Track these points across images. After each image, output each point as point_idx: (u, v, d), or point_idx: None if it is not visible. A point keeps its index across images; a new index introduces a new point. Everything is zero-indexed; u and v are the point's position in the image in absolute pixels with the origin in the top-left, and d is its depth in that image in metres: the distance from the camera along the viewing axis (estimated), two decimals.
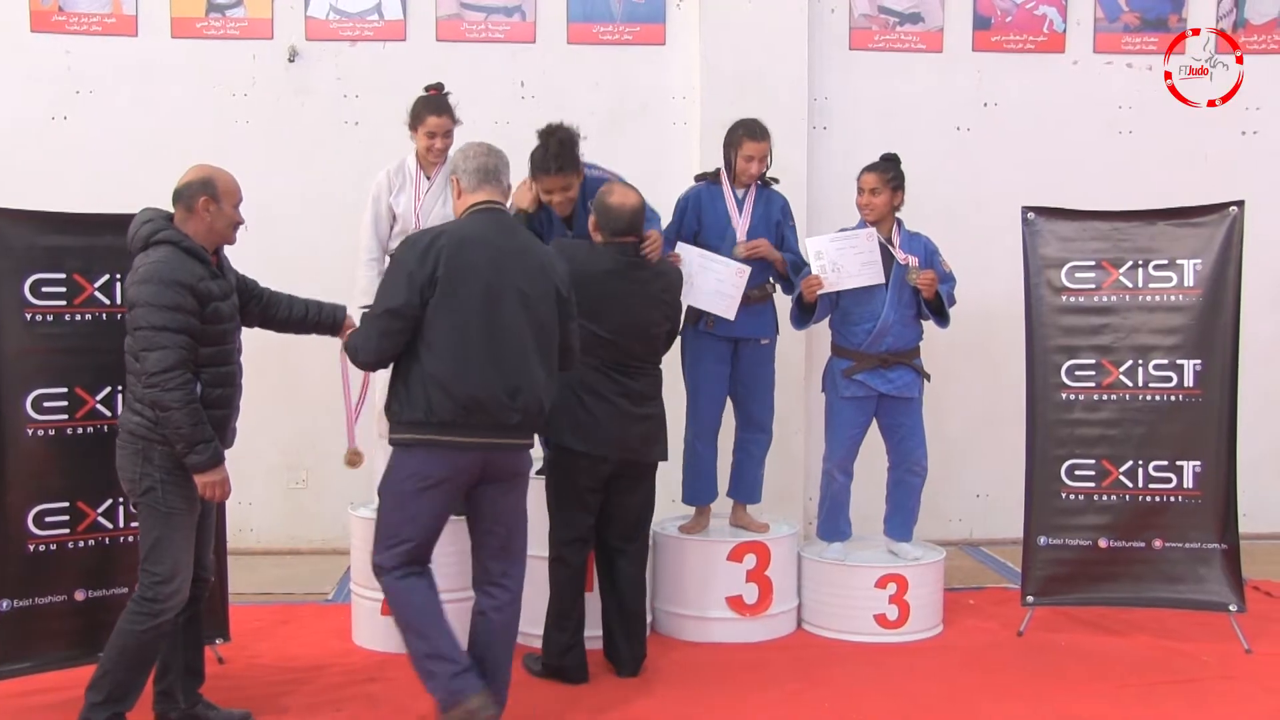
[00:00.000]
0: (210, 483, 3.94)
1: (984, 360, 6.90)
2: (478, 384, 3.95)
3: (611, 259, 4.67)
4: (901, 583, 5.34)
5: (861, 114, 6.96)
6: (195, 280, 3.90)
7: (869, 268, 5.30)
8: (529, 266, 4.08)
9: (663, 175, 6.18)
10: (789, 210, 5.57)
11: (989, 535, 7.09)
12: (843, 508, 5.54)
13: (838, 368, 5.43)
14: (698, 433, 5.45)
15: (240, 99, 6.74)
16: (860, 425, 5.44)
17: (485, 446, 3.99)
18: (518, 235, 4.18)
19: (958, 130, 7.06)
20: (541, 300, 4.08)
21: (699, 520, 5.54)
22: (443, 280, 3.94)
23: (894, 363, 5.36)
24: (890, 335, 5.34)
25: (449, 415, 3.94)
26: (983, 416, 6.99)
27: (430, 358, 3.95)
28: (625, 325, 4.65)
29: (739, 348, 5.45)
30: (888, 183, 5.35)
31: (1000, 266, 6.40)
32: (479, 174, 4.16)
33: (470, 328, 3.96)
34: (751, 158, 5.35)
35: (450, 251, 3.97)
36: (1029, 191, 6.09)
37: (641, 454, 4.76)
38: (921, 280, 5.30)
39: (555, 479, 4.77)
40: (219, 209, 4.03)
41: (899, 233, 5.44)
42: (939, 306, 5.38)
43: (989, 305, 6.56)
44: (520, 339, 4.02)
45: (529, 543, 4.26)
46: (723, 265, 5.24)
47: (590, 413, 4.62)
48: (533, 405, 4.03)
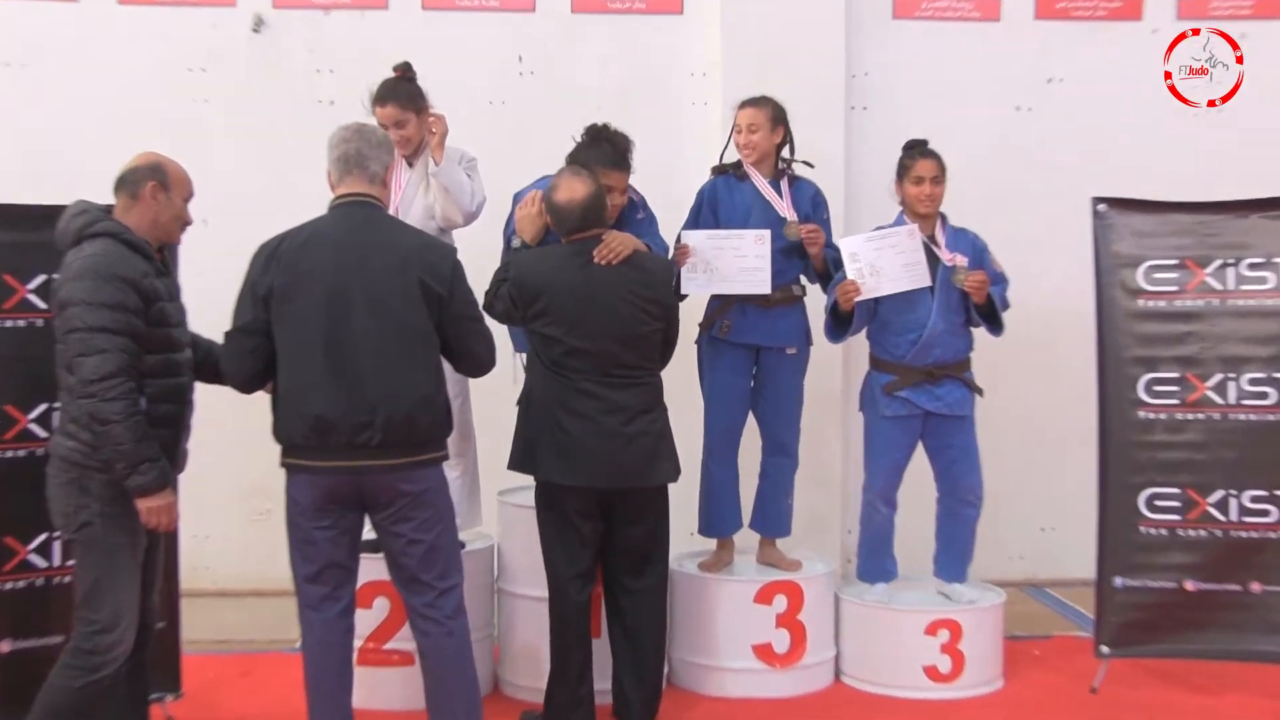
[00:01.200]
0: (155, 508, 3.90)
1: (1048, 373, 6.88)
2: (324, 402, 3.99)
3: (567, 258, 4.68)
4: (955, 629, 5.32)
5: (907, 92, 6.95)
6: (139, 275, 3.88)
7: (912, 270, 5.28)
8: (383, 264, 4.05)
9: (678, 163, 6.21)
10: (821, 200, 5.55)
11: (1056, 575, 7.06)
12: (886, 543, 5.52)
13: (877, 383, 5.41)
14: (712, 451, 5.47)
15: (198, 75, 6.75)
16: (904, 448, 5.42)
17: (344, 471, 4.02)
18: (376, 230, 4.14)
19: (1017, 110, 7.04)
20: (400, 301, 4.05)
21: (721, 556, 5.54)
22: (279, 290, 4.01)
23: (941, 376, 5.35)
24: (937, 346, 5.32)
25: (301, 437, 4.02)
26: (1047, 437, 6.96)
27: (282, 375, 4.07)
28: (602, 330, 4.63)
29: (761, 358, 5.46)
30: (944, 171, 5.36)
31: (1066, 265, 6.37)
32: (341, 163, 4.18)
33: (311, 340, 4.00)
34: (740, 127, 5.39)
35: (290, 257, 4.04)
36: (1099, 180, 6.04)
37: (641, 477, 4.71)
38: (971, 282, 5.27)
39: (543, 513, 4.77)
40: (168, 199, 4.04)
41: (944, 229, 5.44)
42: (991, 311, 5.37)
43: (1052, 309, 6.55)
44: (375, 348, 4.02)
45: (525, 580, 4.20)
46: (737, 238, 5.26)
47: (570, 435, 4.61)
48: (398, 422, 4.02)
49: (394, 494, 4.08)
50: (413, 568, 4.15)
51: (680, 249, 5.24)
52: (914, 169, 5.36)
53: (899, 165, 5.44)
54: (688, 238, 5.28)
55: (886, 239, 5.31)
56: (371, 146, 4.17)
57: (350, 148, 4.15)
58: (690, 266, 5.23)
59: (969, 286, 5.27)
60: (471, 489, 5.45)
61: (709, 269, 5.21)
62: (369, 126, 4.26)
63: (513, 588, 5.32)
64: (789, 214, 5.37)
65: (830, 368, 6.45)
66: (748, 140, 5.39)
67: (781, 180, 5.45)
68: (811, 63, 6.65)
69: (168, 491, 3.92)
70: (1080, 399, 5.67)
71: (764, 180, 5.41)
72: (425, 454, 4.11)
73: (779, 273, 5.34)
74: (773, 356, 5.43)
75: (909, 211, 5.42)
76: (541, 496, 4.75)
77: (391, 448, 4.03)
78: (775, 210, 5.37)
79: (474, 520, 5.47)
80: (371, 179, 4.17)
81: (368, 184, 4.16)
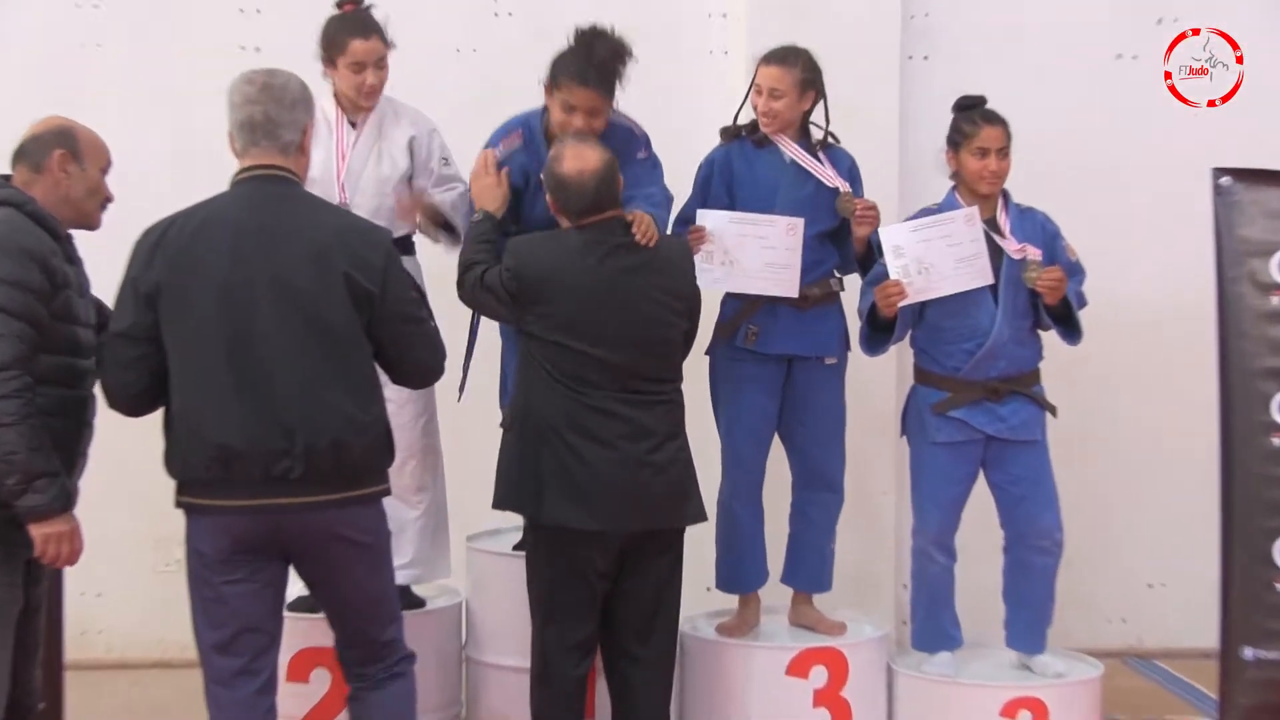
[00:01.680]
0: (53, 535, 3.93)
1: (1150, 387, 6.91)
2: (228, 426, 3.96)
3: (582, 247, 4.70)
4: (1039, 710, 5.30)
5: (977, 38, 6.96)
6: (47, 252, 3.95)
7: (970, 264, 5.28)
8: (296, 253, 4.04)
9: (693, 126, 6.19)
10: (858, 173, 5.59)
11: (1166, 643, 7.07)
12: (946, 600, 5.54)
13: (925, 402, 5.45)
14: (735, 490, 5.49)
15: (89, 12, 6.76)
16: (961, 481, 5.45)
17: (258, 511, 4.00)
18: (288, 210, 4.13)
19: (1118, 59, 7.05)
20: (321, 296, 4.03)
21: (745, 616, 5.56)
22: (166, 286, 4.00)
23: (1006, 393, 5.36)
24: (1002, 356, 5.34)
25: (202, 471, 4.00)
26: (1151, 468, 6.98)
27: (176, 393, 4.04)
28: (623, 335, 4.68)
29: (794, 370, 5.48)
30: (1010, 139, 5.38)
31: (1174, 252, 6.44)
32: (245, 131, 4.15)
33: (209, 349, 3.99)
34: (760, 87, 5.39)
35: (180, 245, 4.02)
36: (1222, 147, 6.04)
37: (671, 517, 4.77)
38: (1046, 281, 5.27)
39: (540, 570, 4.75)
40: (80, 170, 4.12)
41: (1006, 211, 5.45)
42: (1065, 312, 5.37)
43: (1155, 308, 6.61)
44: (290, 359, 4.01)
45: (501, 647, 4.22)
46: (766, 225, 5.29)
47: (587, 465, 4.62)
48: (323, 450, 4.00)
49: (323, 539, 4.09)
50: (353, 627, 4.21)
51: (695, 232, 5.25)
52: (975, 138, 5.33)
53: (953, 130, 5.42)
54: (706, 219, 5.30)
55: (937, 227, 5.30)
56: (284, 108, 4.13)
57: (255, 111, 4.12)
58: (705, 255, 5.26)
59: (1042, 286, 5.27)
60: (436, 531, 5.49)
61: (728, 260, 5.23)
62: (279, 78, 4.18)
63: (485, 656, 5.35)
64: (840, 183, 5.39)
65: (879, 381, 6.46)
66: (767, 107, 5.39)
67: (815, 148, 5.49)
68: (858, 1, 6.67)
69: (69, 516, 3.96)
70: (1195, 421, 5.70)
71: (795, 145, 5.43)
72: (360, 489, 4.11)
73: (816, 263, 5.38)
74: (809, 369, 5.46)
75: (964, 189, 5.42)
76: (542, 546, 4.73)
77: (315, 482, 4.01)
78: (811, 182, 5.40)
79: (439, 570, 5.50)
80: (284, 149, 4.15)
81: (279, 155, 4.15)
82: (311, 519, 4.04)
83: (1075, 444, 5.70)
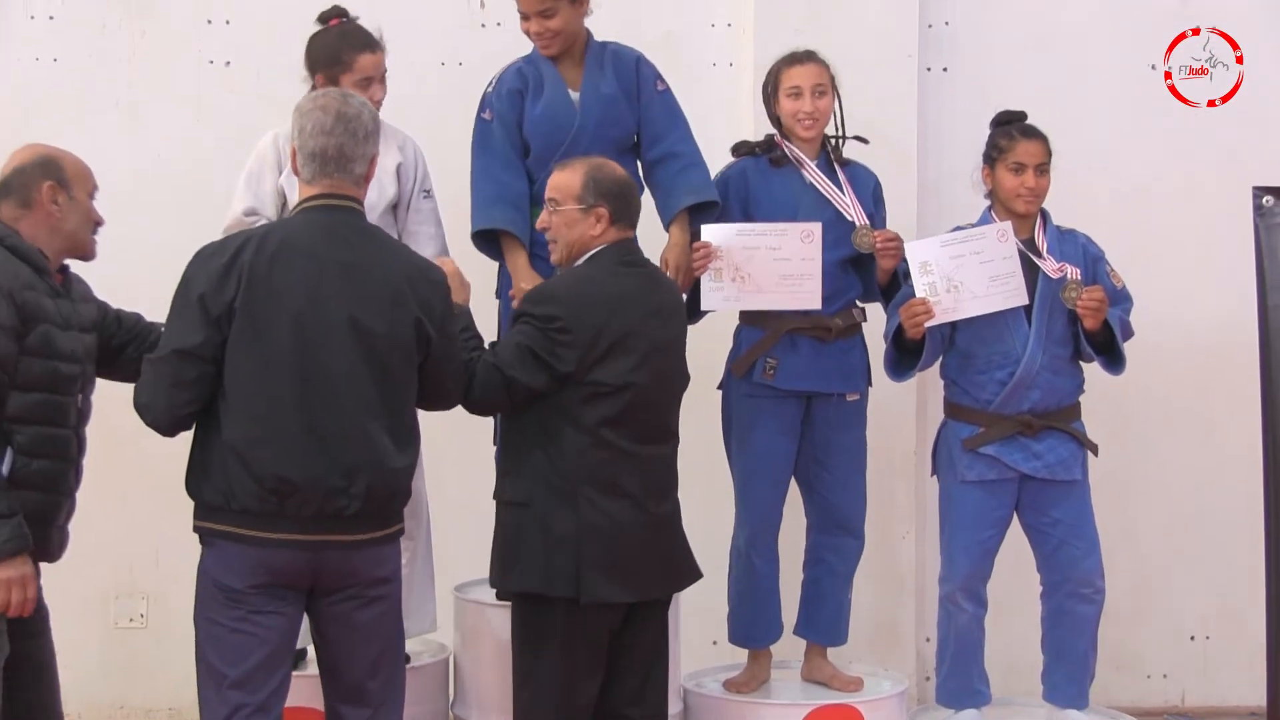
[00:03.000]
0: (5, 580, 3.94)
1: (1196, 422, 6.91)
2: (289, 459, 4.06)
3: (622, 271, 4.70)
4: None
5: (1002, 47, 6.98)
6: (18, 286, 4.01)
7: (1003, 283, 5.32)
8: (372, 289, 4.18)
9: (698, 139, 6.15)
10: (882, 194, 5.63)
11: (1212, 700, 7.03)
12: (974, 653, 5.56)
13: (956, 437, 5.48)
14: (751, 538, 5.48)
15: (44, 24, 6.76)
16: (994, 524, 5.47)
17: (301, 546, 4.10)
18: (365, 246, 4.26)
19: (1153, 70, 7.03)
20: (390, 337, 4.20)
21: (755, 672, 5.57)
22: (242, 309, 4.08)
23: (1042, 428, 5.37)
24: (1036, 387, 5.36)
25: (252, 501, 4.07)
26: (1195, 510, 6.96)
27: (228, 419, 4.11)
28: (655, 376, 4.65)
29: (813, 408, 5.48)
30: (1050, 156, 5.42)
31: (1219, 277, 6.45)
32: (318, 162, 4.24)
33: (278, 377, 4.09)
34: (799, 89, 5.41)
35: (257, 269, 4.09)
36: (1267, 164, 6.04)
37: (677, 581, 4.80)
38: (1086, 302, 5.29)
39: (541, 643, 4.65)
40: (70, 200, 4.23)
41: (1045, 231, 5.48)
42: (1108, 340, 5.38)
43: (1202, 337, 6.60)
44: (356, 393, 4.14)
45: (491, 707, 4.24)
46: (777, 234, 5.30)
47: (615, 521, 4.56)
48: (378, 489, 4.16)
49: (362, 577, 4.22)
50: (359, 675, 4.26)
51: (700, 249, 5.25)
52: (1011, 152, 5.40)
53: (989, 146, 5.49)
54: (711, 234, 5.29)
55: (968, 243, 5.34)
56: (358, 141, 4.24)
57: (330, 143, 4.21)
58: (714, 272, 5.26)
59: (1082, 307, 5.29)
60: (424, 581, 5.50)
61: (738, 276, 5.22)
62: (353, 105, 4.29)
63: (473, 715, 5.33)
64: (857, 216, 5.41)
65: (900, 415, 6.50)
66: (814, 108, 5.42)
67: (835, 168, 5.50)
68: (873, 8, 6.69)
69: (23, 560, 3.99)
70: (1243, 459, 5.68)
71: (813, 165, 5.46)
72: (389, 527, 4.29)
73: (838, 292, 5.40)
74: (830, 406, 5.47)
75: (1000, 207, 5.47)
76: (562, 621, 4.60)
77: (363, 520, 4.17)
78: (831, 208, 5.42)
79: (425, 622, 5.49)
80: (356, 181, 4.28)
81: (351, 186, 4.26)
82: (350, 556, 4.18)
83: (1118, 484, 5.68)
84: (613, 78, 5.42)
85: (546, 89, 5.37)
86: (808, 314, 5.33)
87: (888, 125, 6.22)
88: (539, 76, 5.40)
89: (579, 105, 5.37)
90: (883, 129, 5.71)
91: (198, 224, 5.54)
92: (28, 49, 6.73)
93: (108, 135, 6.64)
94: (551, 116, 5.35)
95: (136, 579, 6.74)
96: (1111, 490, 5.61)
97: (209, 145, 6.35)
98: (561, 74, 5.42)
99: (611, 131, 5.38)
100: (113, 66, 6.76)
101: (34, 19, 6.73)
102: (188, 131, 6.68)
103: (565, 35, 5.35)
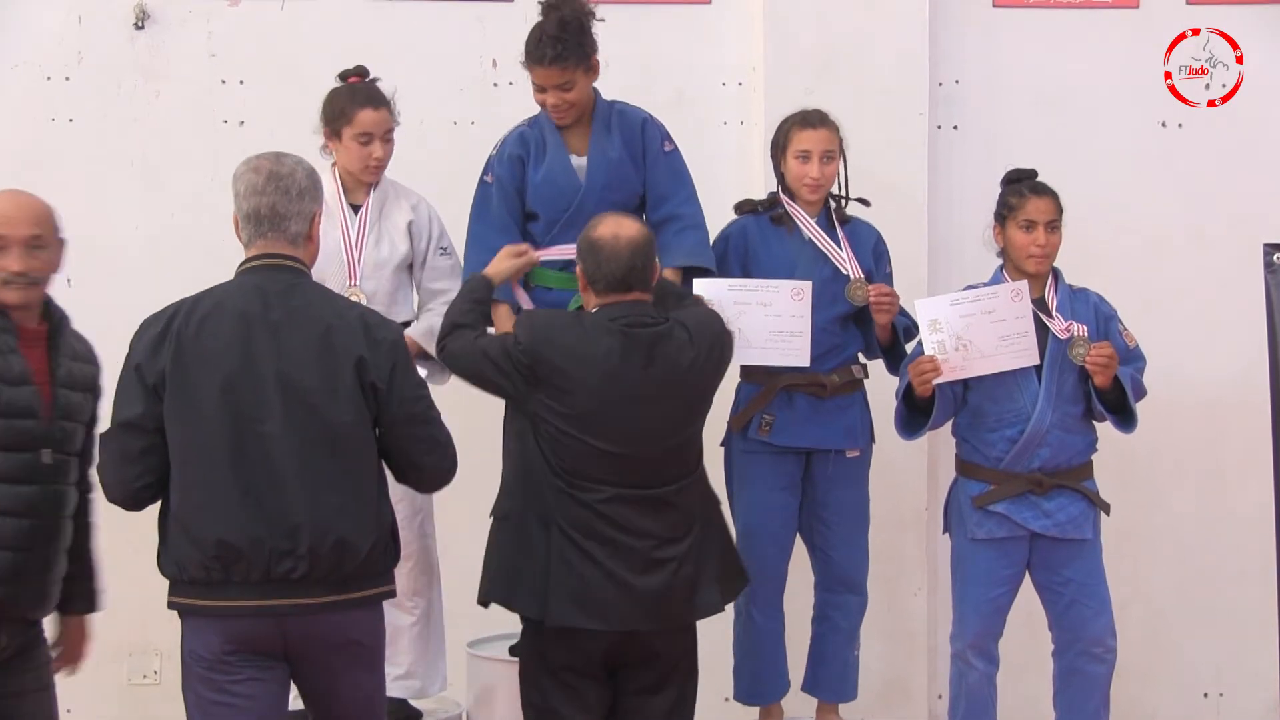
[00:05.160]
0: None
1: (1210, 481, 6.89)
2: (228, 523, 4.06)
3: (608, 333, 4.64)
4: None
5: (1011, 106, 6.99)
6: None
7: (1014, 343, 5.33)
8: (306, 346, 4.15)
9: (707, 197, 6.16)
10: (884, 250, 5.67)
11: None
12: (986, 711, 5.53)
13: (966, 494, 5.47)
14: (754, 596, 5.47)
15: (60, 85, 6.79)
16: (1004, 582, 5.46)
17: (259, 613, 4.08)
18: (296, 300, 4.22)
19: (1162, 128, 7.04)
20: (328, 393, 4.14)
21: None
22: (171, 375, 4.10)
23: (1052, 486, 5.38)
24: (1047, 445, 5.37)
25: (199, 571, 4.10)
26: (1208, 565, 6.93)
27: (173, 488, 4.15)
28: (639, 435, 4.63)
29: (813, 464, 5.51)
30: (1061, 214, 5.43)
31: (1229, 332, 6.45)
32: (252, 223, 4.27)
33: (212, 441, 4.08)
34: (808, 153, 5.44)
35: (185, 334, 4.13)
36: (1278, 219, 6.06)
37: (679, 615, 4.70)
38: (1095, 358, 5.30)
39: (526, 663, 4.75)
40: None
41: (1056, 290, 5.50)
42: (1119, 400, 5.38)
43: (1213, 391, 6.60)
44: (297, 455, 4.10)
45: None
46: (769, 290, 5.34)
47: (596, 564, 4.58)
48: (328, 550, 4.10)
49: (324, 641, 4.16)
50: None
51: None
52: (1021, 210, 5.42)
53: (1000, 204, 5.51)
54: (703, 287, 5.30)
55: (980, 301, 5.35)
56: (290, 199, 4.24)
57: (262, 203, 4.23)
58: None
59: (1091, 364, 5.31)
60: (434, 639, 5.51)
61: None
62: (286, 165, 4.28)
63: None
64: (852, 270, 5.46)
65: (910, 473, 6.50)
66: (821, 174, 5.47)
67: (835, 225, 5.55)
68: (883, 66, 6.70)
69: None
70: (1255, 514, 5.67)
71: (813, 222, 5.50)
72: (362, 590, 4.20)
73: (837, 348, 5.44)
74: (829, 462, 5.50)
75: (1012, 266, 5.50)
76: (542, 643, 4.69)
77: (318, 583, 4.11)
78: (829, 264, 5.47)
79: (435, 682, 5.50)
80: (293, 240, 4.27)
81: (288, 245, 4.26)
82: (313, 621, 4.12)
83: (1130, 543, 5.67)
84: (619, 140, 5.44)
85: (549, 155, 5.40)
86: (804, 370, 5.37)
87: (899, 183, 6.26)
88: (541, 141, 5.43)
89: (585, 169, 5.39)
90: (894, 186, 5.72)
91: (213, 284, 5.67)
92: (43, 109, 6.74)
93: (123, 196, 6.72)
94: (553, 182, 5.38)
95: (150, 636, 6.69)
96: (1124, 545, 5.60)
97: (224, 206, 6.34)
98: (566, 137, 5.44)
99: (616, 195, 5.37)
100: (127, 127, 6.78)
101: (50, 80, 6.74)
102: (202, 192, 6.69)
103: (580, 106, 5.38)
